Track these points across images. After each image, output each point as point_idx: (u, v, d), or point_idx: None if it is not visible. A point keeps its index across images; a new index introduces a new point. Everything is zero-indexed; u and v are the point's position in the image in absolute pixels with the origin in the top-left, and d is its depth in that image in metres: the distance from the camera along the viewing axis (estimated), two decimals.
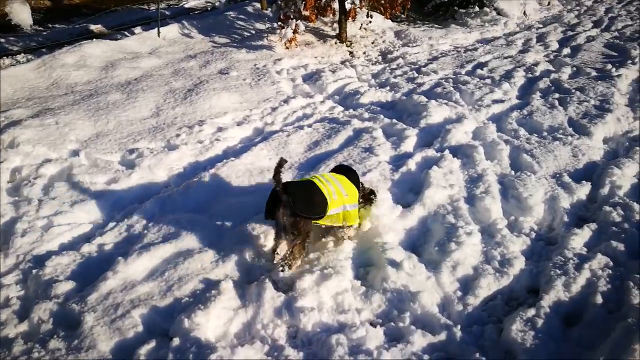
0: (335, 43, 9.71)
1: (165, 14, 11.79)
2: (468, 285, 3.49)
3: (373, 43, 10.22)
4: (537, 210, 4.28)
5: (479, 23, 11.80)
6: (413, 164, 4.86)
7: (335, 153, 5.16)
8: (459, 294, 3.42)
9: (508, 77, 7.50)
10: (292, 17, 8.82)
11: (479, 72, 7.80)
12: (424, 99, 6.35)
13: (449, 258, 3.65)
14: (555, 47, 9.65)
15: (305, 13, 8.56)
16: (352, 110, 6.48)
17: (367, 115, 6.18)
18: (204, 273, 3.47)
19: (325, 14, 9.61)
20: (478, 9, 12.20)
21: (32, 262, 3.67)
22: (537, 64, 8.18)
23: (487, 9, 12.15)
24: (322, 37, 9.96)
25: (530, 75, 7.66)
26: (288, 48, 8.76)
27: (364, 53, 9.58)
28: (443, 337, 3.04)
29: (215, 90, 6.71)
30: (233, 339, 3.05)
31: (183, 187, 4.53)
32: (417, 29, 10.98)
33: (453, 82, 7.31)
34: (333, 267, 3.50)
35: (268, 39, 9.33)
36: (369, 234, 3.93)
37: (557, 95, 6.65)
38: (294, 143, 5.41)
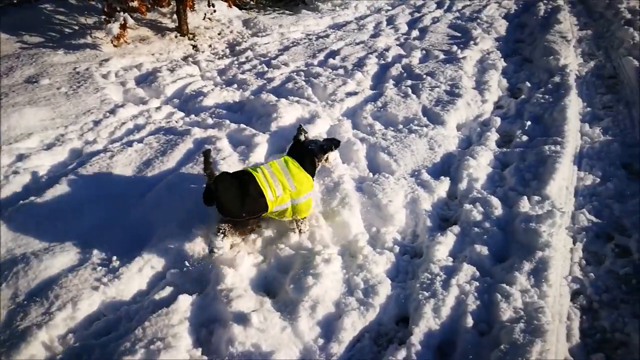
0: (176, 36, 8.66)
1: None
2: (330, 328, 2.94)
3: (219, 34, 9.35)
4: (398, 218, 3.90)
5: (330, 7, 11.50)
6: None
7: (171, 173, 4.31)
8: (321, 342, 2.86)
9: (360, 65, 7.17)
10: (118, 9, 7.60)
11: (331, 61, 7.38)
12: (274, 98, 5.72)
13: (307, 296, 3.07)
14: (405, 29, 9.65)
15: (133, 4, 7.40)
16: (193, 116, 5.63)
17: (210, 121, 5.39)
18: None
19: (162, 4, 8.49)
20: None
21: None
22: (388, 49, 8.00)
23: None
24: (160, 30, 8.84)
25: (383, 62, 7.43)
26: (116, 46, 7.55)
27: (210, 46, 8.68)
28: None
29: (16, 106, 5.39)
30: None
31: None
32: (266, 17, 10.31)
33: (305, 75, 6.78)
34: (163, 337, 2.73)
35: (92, 36, 7.98)
36: (214, 278, 3.21)
37: (409, 82, 6.45)
38: (120, 165, 4.45)
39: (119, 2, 7.44)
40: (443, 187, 4.33)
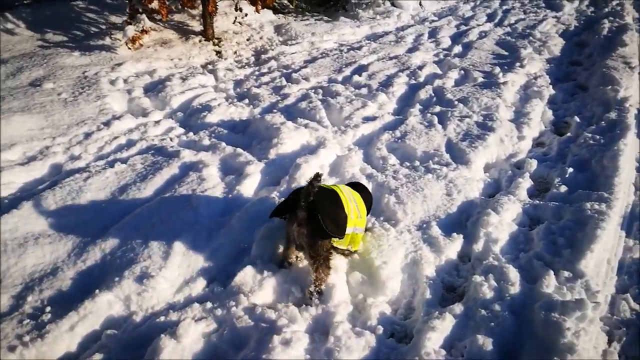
0: (200, 41, 8.27)
1: None
2: None
3: (248, 40, 8.90)
4: (391, 286, 3.25)
5: (371, 15, 10.84)
6: (236, 221, 3.64)
7: (144, 204, 3.84)
8: None
9: (387, 84, 6.50)
10: (140, 10, 7.28)
11: (356, 78, 6.74)
12: (279, 120, 5.16)
13: None
14: (447, 44, 8.87)
15: (153, 5, 7.04)
16: (192, 134, 5.16)
17: (207, 141, 4.90)
18: None
19: (189, 5, 8.11)
20: None
21: None
22: (423, 66, 7.28)
23: (379, 0, 11.21)
24: (185, 33, 8.48)
25: (413, 81, 6.72)
26: (132, 49, 7.21)
27: (235, 52, 8.24)
28: None
29: (8, 112, 5.09)
30: None
31: None
32: (300, 23, 9.78)
33: (323, 92, 6.18)
34: None
35: (113, 38, 7.70)
36: (150, 351, 2.69)
37: (437, 109, 5.73)
38: (93, 190, 4.02)
39: (140, 2, 7.09)
40: (454, 246, 3.64)
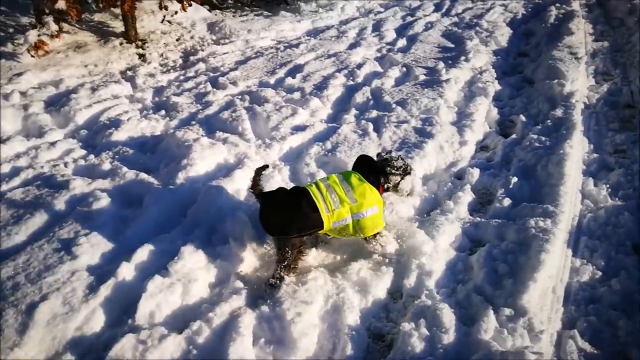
0: (121, 44, 7.52)
1: None
2: None
3: (178, 40, 8.20)
4: (304, 345, 2.71)
5: (313, 8, 10.27)
6: (126, 271, 3.04)
7: (12, 256, 3.17)
8: None
9: (322, 87, 5.96)
10: (46, 11, 6.48)
11: (289, 81, 6.17)
12: (193, 135, 4.55)
13: None
14: (391, 37, 8.40)
15: (60, 5, 6.24)
16: (92, 157, 4.50)
17: (107, 166, 4.25)
18: None
19: (108, 4, 7.33)
20: None
21: None
22: (363, 64, 6.76)
23: None
24: (104, 35, 7.71)
25: (351, 82, 6.21)
26: (34, 57, 6.42)
27: (161, 55, 7.54)
28: None
29: None
30: None
31: None
32: (236, 20, 9.12)
33: (250, 99, 5.60)
34: None
35: (15, 43, 6.87)
36: None
37: (374, 113, 5.23)
38: None
39: (44, 2, 6.30)
40: (383, 283, 3.15)
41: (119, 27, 8.06)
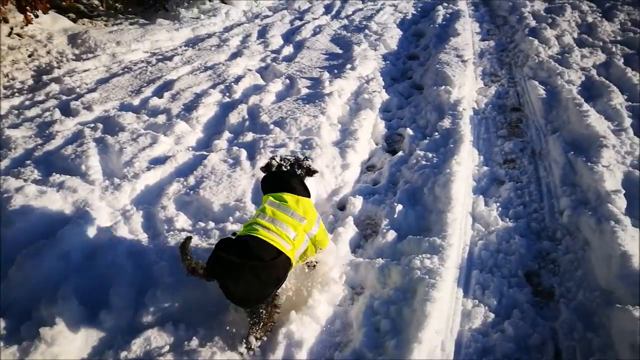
0: None
1: None
2: None
3: (30, 56, 7.07)
4: None
5: (194, 15, 9.46)
6: None
7: None
8: None
9: (193, 106, 5.25)
10: None
11: (154, 101, 5.39)
12: (14, 183, 3.67)
13: None
14: (277, 44, 7.84)
15: None
16: None
17: None
18: None
19: None
20: None
21: None
22: (242, 77, 6.13)
23: None
24: None
25: (227, 99, 5.55)
26: None
27: (6, 75, 6.41)
28: None
29: None
30: None
31: None
32: (103, 30, 8.09)
33: (104, 127, 4.76)
34: None
35: None
36: None
37: (249, 137, 4.63)
38: None
39: None
40: None
41: None
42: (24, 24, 7.10)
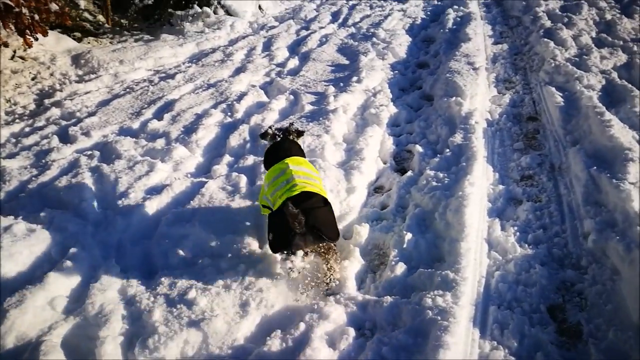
0: None
1: None
2: None
3: (34, 79, 6.99)
4: None
5: (199, 28, 9.31)
6: None
7: None
8: None
9: (193, 129, 5.06)
10: None
11: (153, 124, 5.21)
12: (4, 221, 3.50)
13: None
14: (283, 56, 7.63)
15: None
16: None
17: None
18: None
19: None
20: (198, 9, 9.69)
21: None
22: (245, 94, 5.93)
23: (208, 9, 9.70)
24: None
25: (229, 119, 5.35)
26: None
27: (8, 100, 6.32)
28: None
29: None
30: None
31: None
32: (106, 49, 7.97)
33: (101, 155, 4.60)
34: None
35: None
36: None
37: (250, 160, 4.44)
38: None
39: None
40: None
41: None
42: (28, 46, 6.99)
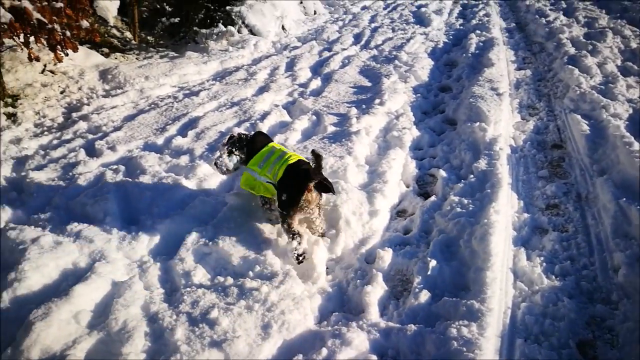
0: None
1: None
2: None
3: (62, 93, 7.14)
4: None
5: (223, 47, 9.46)
6: None
7: None
8: None
9: (216, 147, 5.10)
10: None
11: (178, 140, 5.27)
12: (31, 233, 3.53)
13: None
14: (305, 77, 7.69)
15: None
16: None
17: None
18: None
19: None
20: (223, 28, 9.85)
21: None
22: (268, 113, 5.98)
23: (232, 28, 9.86)
24: None
25: None
26: None
27: (37, 113, 6.46)
28: None
29: None
30: None
31: None
32: (133, 65, 8.14)
33: (126, 170, 4.65)
34: None
35: None
36: None
37: None
38: None
39: None
40: None
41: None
42: (59, 61, 7.15)
